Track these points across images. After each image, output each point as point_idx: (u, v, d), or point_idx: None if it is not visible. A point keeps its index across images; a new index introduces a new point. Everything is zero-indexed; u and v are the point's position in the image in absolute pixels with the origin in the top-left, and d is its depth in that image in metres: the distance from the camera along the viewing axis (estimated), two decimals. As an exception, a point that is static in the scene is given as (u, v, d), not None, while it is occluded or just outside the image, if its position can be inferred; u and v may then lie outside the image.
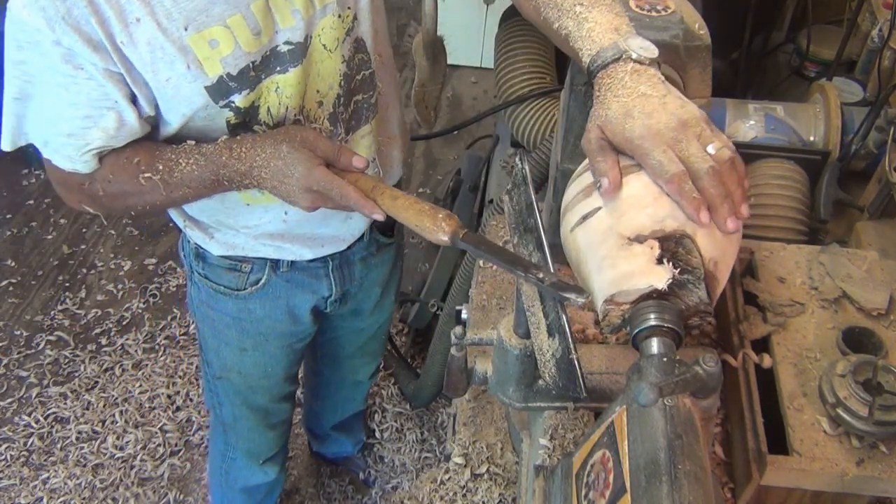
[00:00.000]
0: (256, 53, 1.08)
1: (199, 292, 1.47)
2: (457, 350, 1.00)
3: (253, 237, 1.32)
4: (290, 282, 1.43)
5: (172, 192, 1.10)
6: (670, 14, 1.03)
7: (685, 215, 0.83)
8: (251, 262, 1.38)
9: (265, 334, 1.51)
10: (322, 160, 1.07)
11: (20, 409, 2.47)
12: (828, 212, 1.58)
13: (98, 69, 1.00)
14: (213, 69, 1.05)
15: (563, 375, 0.91)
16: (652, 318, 0.81)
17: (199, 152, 1.08)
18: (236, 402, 1.68)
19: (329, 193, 1.06)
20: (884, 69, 1.81)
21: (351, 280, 1.51)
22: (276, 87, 1.13)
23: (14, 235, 3.00)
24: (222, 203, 1.26)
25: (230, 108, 1.11)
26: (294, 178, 1.05)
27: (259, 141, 1.07)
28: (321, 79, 1.18)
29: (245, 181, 1.09)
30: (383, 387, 2.53)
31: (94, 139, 1.06)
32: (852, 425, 0.99)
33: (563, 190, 0.98)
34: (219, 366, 1.60)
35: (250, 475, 1.86)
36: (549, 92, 1.90)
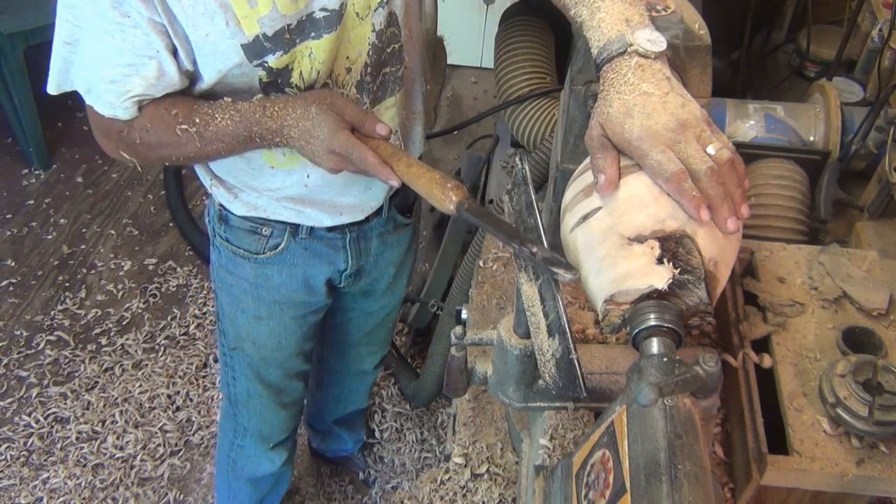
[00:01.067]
0: (293, 17, 1.11)
1: (220, 256, 1.51)
2: (457, 350, 1.00)
3: (275, 200, 1.36)
4: (308, 249, 1.46)
5: (206, 145, 1.15)
6: (670, 14, 1.03)
7: (686, 215, 0.83)
8: (272, 226, 1.41)
9: (280, 302, 1.54)
10: (348, 124, 1.11)
11: (20, 409, 2.47)
12: (828, 212, 1.58)
13: (143, 18, 1.04)
14: (250, 28, 1.09)
15: (563, 375, 0.91)
16: (652, 318, 0.81)
17: (234, 108, 1.13)
18: (250, 375, 1.69)
19: (350, 157, 1.10)
20: (884, 69, 1.81)
21: (367, 255, 1.54)
22: (309, 53, 1.16)
23: (14, 235, 3.00)
24: (248, 164, 1.30)
25: (263, 67, 1.14)
26: (319, 139, 1.10)
27: (291, 101, 1.12)
28: (351, 45, 1.21)
29: (276, 139, 1.14)
30: (383, 387, 2.53)
31: (134, 86, 1.10)
32: (852, 425, 0.99)
33: (563, 190, 0.98)
34: (234, 335, 1.62)
35: (258, 463, 1.86)
36: (549, 92, 1.90)
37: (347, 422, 2.22)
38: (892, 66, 1.81)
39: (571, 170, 0.99)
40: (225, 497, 2.01)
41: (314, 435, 2.34)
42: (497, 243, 1.54)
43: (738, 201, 0.83)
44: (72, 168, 3.22)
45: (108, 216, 3.09)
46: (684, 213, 0.83)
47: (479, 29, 3.62)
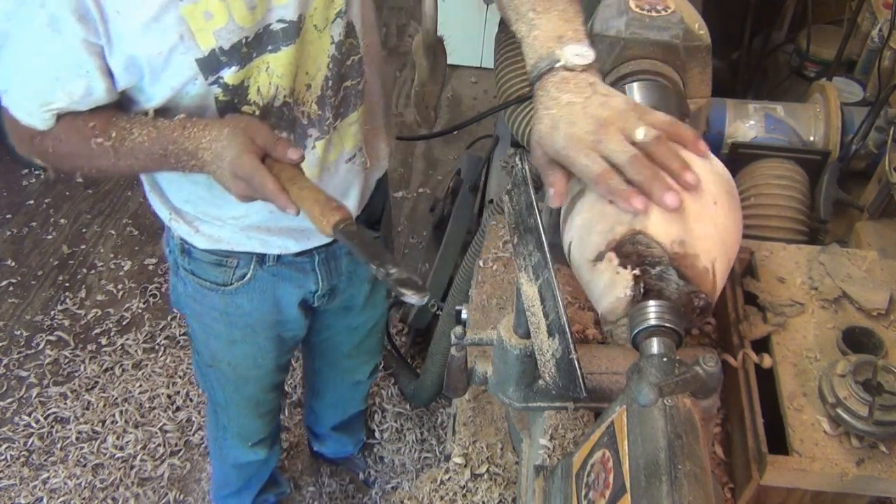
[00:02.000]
0: (250, 29, 1.09)
1: (186, 287, 1.48)
2: (457, 350, 1.00)
3: (239, 229, 1.33)
4: (277, 276, 1.44)
5: (121, 160, 1.11)
6: (670, 14, 1.03)
7: (629, 216, 0.82)
8: (237, 257, 1.39)
9: (253, 326, 1.52)
10: (259, 149, 1.06)
11: (20, 409, 2.47)
12: (828, 212, 1.58)
13: (77, 38, 1.01)
14: (205, 41, 1.06)
15: (563, 375, 0.91)
16: (652, 318, 0.81)
17: (153, 125, 1.09)
18: (228, 388, 1.70)
19: (252, 182, 1.06)
20: (884, 69, 1.81)
21: (338, 274, 1.52)
22: (266, 67, 1.14)
23: (14, 235, 3.00)
24: (209, 192, 1.26)
25: (219, 84, 1.11)
26: (226, 161, 1.06)
27: (210, 123, 1.08)
28: (311, 60, 1.19)
29: (191, 162, 1.09)
30: (383, 387, 2.53)
31: (57, 100, 1.07)
32: (852, 425, 0.99)
33: (563, 190, 0.98)
34: (208, 355, 1.62)
35: (241, 454, 1.90)
36: (549, 92, 1.90)
37: (346, 426, 2.22)
38: (892, 66, 1.81)
39: (571, 170, 0.99)
40: (218, 474, 2.08)
41: (314, 439, 2.34)
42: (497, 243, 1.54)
43: (676, 171, 0.80)
44: (72, 168, 3.22)
45: (108, 216, 3.09)
46: (627, 213, 0.82)
47: (479, 29, 3.62)
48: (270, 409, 1.82)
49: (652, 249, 0.82)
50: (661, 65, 1.04)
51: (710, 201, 0.84)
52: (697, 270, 0.81)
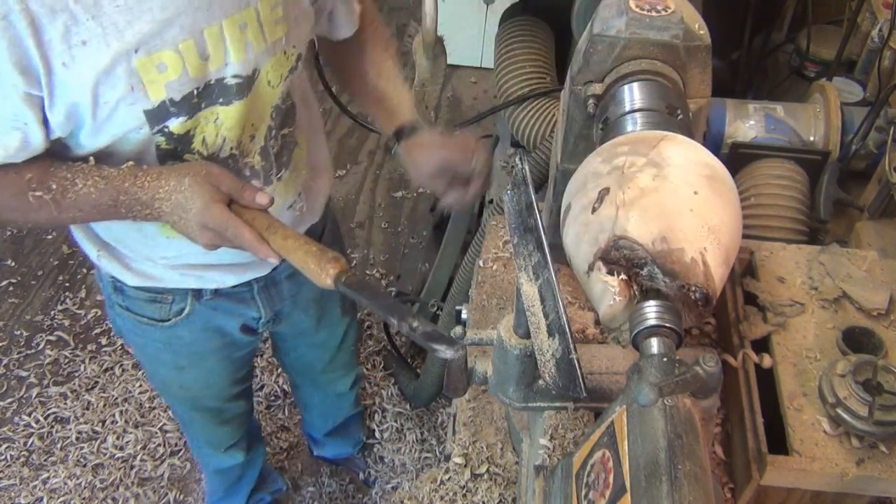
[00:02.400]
0: (201, 80, 1.05)
1: (124, 322, 1.42)
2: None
3: (171, 267, 1.28)
4: (217, 309, 1.40)
5: (62, 213, 1.04)
6: (670, 14, 1.03)
7: (610, 221, 0.83)
8: (171, 293, 1.34)
9: (200, 353, 1.48)
10: (225, 197, 1.03)
11: (20, 409, 2.47)
12: (828, 212, 1.58)
13: (18, 91, 0.96)
14: (156, 93, 1.02)
15: (563, 375, 0.91)
16: (652, 318, 0.81)
17: (99, 174, 1.03)
18: (185, 406, 1.67)
19: (224, 233, 1.03)
20: (884, 69, 1.81)
21: (280, 300, 1.48)
22: (215, 118, 1.10)
23: (14, 235, 3.00)
24: (140, 233, 1.22)
25: (163, 133, 1.07)
26: (192, 212, 1.02)
27: (165, 172, 1.03)
28: (256, 112, 1.16)
29: (145, 211, 1.04)
30: (383, 387, 2.53)
31: None
32: (852, 425, 0.99)
33: (563, 190, 0.98)
34: (159, 381, 1.59)
35: (218, 461, 1.89)
36: (549, 92, 1.90)
37: (340, 431, 2.21)
38: (892, 66, 1.81)
39: (571, 170, 0.99)
40: (207, 481, 2.08)
41: (312, 443, 2.35)
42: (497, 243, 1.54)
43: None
44: (72, 168, 3.23)
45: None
46: (608, 220, 0.84)
47: (479, 29, 3.62)
48: (235, 415, 1.77)
49: (636, 252, 0.82)
50: (661, 65, 1.04)
51: (690, 192, 0.84)
52: (684, 263, 0.81)
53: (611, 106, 1.04)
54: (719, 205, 0.85)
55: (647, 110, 0.99)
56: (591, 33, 1.06)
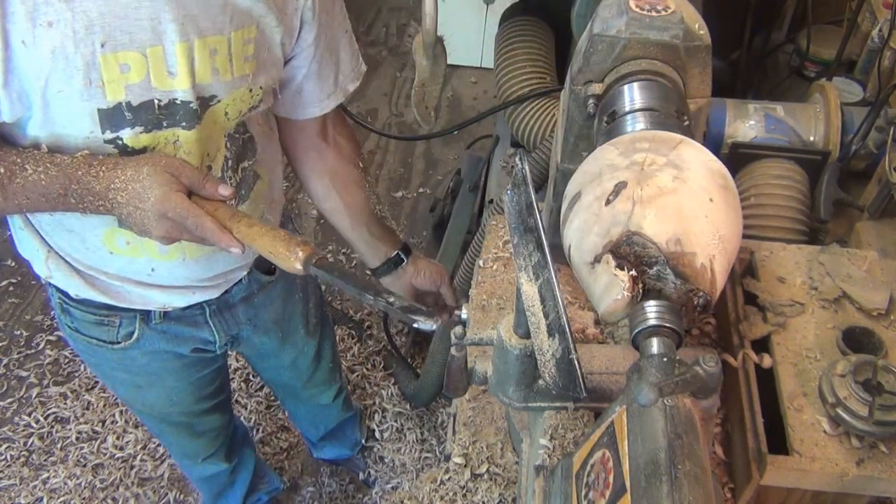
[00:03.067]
0: (165, 94, 1.02)
1: (76, 343, 1.38)
2: (457, 350, 1.00)
3: (118, 279, 1.24)
4: (167, 332, 1.35)
5: (7, 199, 1.00)
6: (670, 14, 1.03)
7: (625, 216, 0.83)
8: (118, 314, 1.29)
9: (157, 374, 1.43)
10: (184, 188, 1.01)
11: (20, 409, 2.47)
12: (828, 212, 1.58)
13: None
14: (114, 93, 0.99)
15: (563, 375, 0.91)
16: (652, 318, 0.81)
17: (50, 161, 0.99)
18: (154, 421, 1.62)
19: (184, 223, 0.99)
20: (884, 69, 1.81)
21: (236, 324, 1.44)
22: (175, 140, 1.07)
23: (14, 235, 3.00)
24: (83, 244, 1.18)
25: (116, 144, 1.03)
26: (150, 202, 0.98)
27: (122, 163, 1.00)
28: (212, 141, 1.13)
29: (97, 203, 1.00)
30: (383, 387, 2.53)
31: None
32: (852, 425, 0.99)
33: (563, 190, 0.98)
34: (121, 397, 1.55)
35: (201, 470, 1.83)
36: (549, 92, 1.90)
37: (335, 434, 2.20)
38: (892, 66, 1.81)
39: (571, 170, 0.99)
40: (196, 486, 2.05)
41: (311, 446, 2.34)
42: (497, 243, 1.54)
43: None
44: (72, 168, 3.22)
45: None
46: (623, 214, 0.83)
47: (479, 29, 3.62)
48: (209, 428, 1.69)
49: (648, 250, 0.82)
50: (661, 65, 1.03)
51: (706, 198, 0.84)
52: (695, 268, 0.81)
53: (611, 106, 1.05)
54: (730, 216, 0.86)
55: (647, 110, 0.99)
56: (591, 33, 1.06)
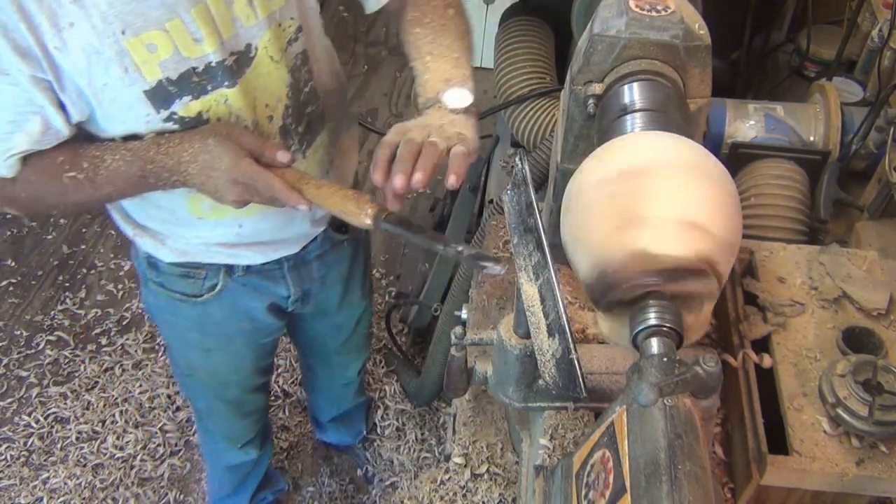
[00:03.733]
0: (199, 60, 1.07)
1: (157, 299, 1.45)
2: (457, 350, 1.00)
3: (205, 245, 1.32)
4: (247, 285, 1.43)
5: (97, 190, 1.08)
6: (670, 14, 1.03)
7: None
8: (205, 269, 1.37)
9: (228, 335, 1.51)
10: (248, 153, 1.07)
11: (20, 409, 2.47)
12: (828, 212, 1.58)
13: (24, 76, 0.98)
14: (151, 73, 1.04)
15: (563, 375, 0.91)
16: (652, 318, 0.81)
17: (125, 148, 1.07)
18: (208, 395, 1.70)
19: (255, 185, 1.06)
20: (884, 69, 1.81)
21: (309, 279, 1.52)
22: (225, 100, 1.12)
23: (14, 235, 3.00)
24: (173, 215, 1.25)
25: (173, 120, 1.09)
26: (221, 170, 1.05)
27: (187, 136, 1.07)
28: (269, 92, 1.18)
29: (173, 177, 1.08)
30: (386, 383, 2.53)
31: (18, 143, 1.04)
32: (852, 425, 0.99)
33: (563, 190, 0.98)
34: (185, 365, 1.61)
35: (231, 457, 1.90)
36: (549, 92, 1.90)
37: (343, 418, 2.25)
38: (892, 66, 1.81)
39: (571, 170, 0.99)
40: (213, 477, 2.08)
41: (316, 427, 2.38)
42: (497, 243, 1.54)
43: (417, 168, 1.00)
44: (72, 168, 3.23)
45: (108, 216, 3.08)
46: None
47: (479, 29, 3.61)
48: (255, 408, 1.81)
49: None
50: (661, 65, 1.03)
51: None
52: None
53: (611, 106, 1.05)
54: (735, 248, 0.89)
55: (647, 110, 0.99)
56: (591, 33, 1.06)
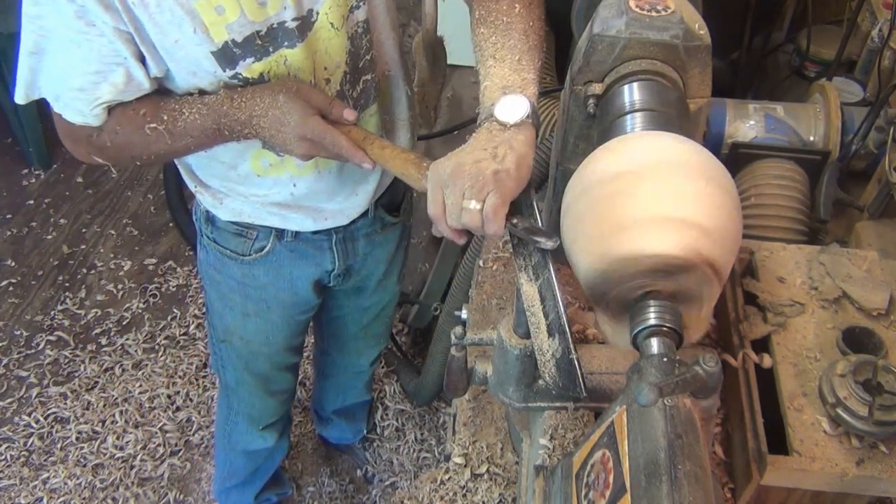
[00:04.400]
0: (262, 24, 1.12)
1: (208, 255, 1.51)
2: (457, 350, 1.00)
3: (260, 205, 1.37)
4: (294, 251, 1.47)
5: (176, 141, 1.15)
6: (670, 14, 1.03)
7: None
8: (257, 229, 1.43)
9: (268, 301, 1.55)
10: (316, 111, 1.12)
11: (20, 409, 2.47)
12: (828, 212, 1.58)
13: (108, 27, 1.04)
14: (218, 34, 1.09)
15: (563, 375, 0.91)
16: (652, 318, 0.81)
17: (201, 102, 1.13)
18: (238, 365, 1.72)
19: (322, 141, 1.11)
20: (884, 69, 1.81)
21: (354, 255, 1.55)
22: (284, 61, 1.17)
23: (14, 235, 3.00)
24: (234, 171, 1.31)
25: (238, 79, 1.14)
26: (290, 125, 1.10)
27: (258, 91, 1.12)
28: (328, 56, 1.22)
29: (245, 130, 1.14)
30: (387, 383, 2.53)
31: (103, 93, 1.11)
32: (852, 425, 0.99)
33: (563, 190, 0.98)
34: (222, 329, 1.64)
35: (251, 440, 1.91)
36: (549, 92, 1.90)
37: (347, 413, 2.26)
38: (892, 66, 1.81)
39: (571, 170, 0.99)
40: (222, 463, 2.06)
41: (317, 421, 2.38)
42: (497, 243, 1.54)
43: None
44: (72, 168, 3.21)
45: (108, 216, 3.08)
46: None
47: (479, 29, 3.61)
48: (282, 388, 1.84)
49: None
50: (661, 65, 1.04)
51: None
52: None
53: (611, 106, 1.04)
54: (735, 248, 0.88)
55: (648, 110, 0.99)
56: (591, 33, 1.06)
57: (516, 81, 1.01)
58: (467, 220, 0.91)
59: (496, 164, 0.91)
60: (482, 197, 0.90)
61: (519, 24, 1.08)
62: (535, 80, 1.02)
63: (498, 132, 0.96)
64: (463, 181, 0.91)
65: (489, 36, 1.08)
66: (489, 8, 1.11)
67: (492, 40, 1.07)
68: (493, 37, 1.08)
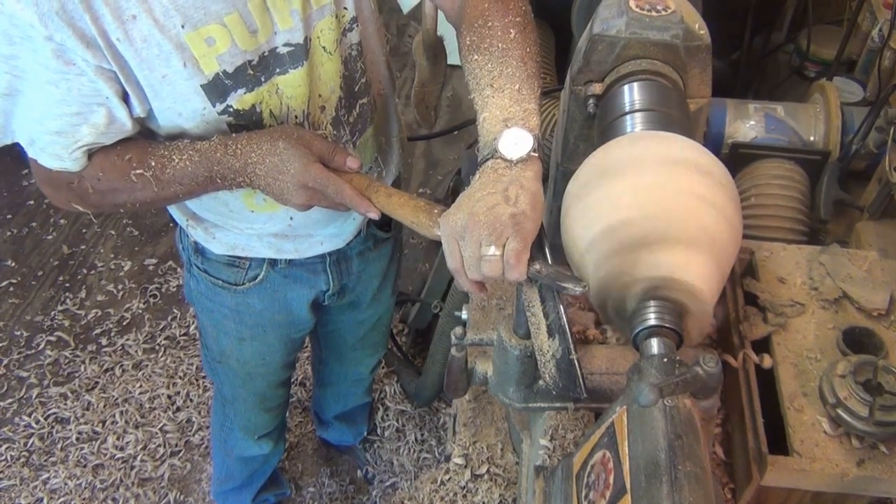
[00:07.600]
0: (253, 53, 1.08)
1: (199, 284, 1.48)
2: (457, 350, 1.00)
3: (257, 236, 1.34)
4: (288, 277, 1.45)
5: (164, 189, 1.10)
6: (670, 14, 1.03)
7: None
8: (249, 259, 1.40)
9: (263, 326, 1.53)
10: (317, 158, 1.07)
11: (20, 409, 2.47)
12: (828, 212, 1.58)
13: (90, 66, 0.99)
14: (209, 66, 1.05)
15: (563, 376, 0.91)
16: (652, 318, 0.81)
17: (193, 148, 1.08)
18: (236, 384, 1.72)
19: (325, 190, 1.07)
20: (884, 69, 1.81)
21: (348, 274, 1.53)
22: (276, 89, 1.13)
23: (14, 235, 3.00)
24: (227, 207, 1.27)
25: (228, 113, 1.10)
26: (290, 174, 1.06)
27: (255, 137, 1.07)
28: (322, 82, 1.19)
29: (238, 178, 1.09)
30: (387, 384, 2.53)
31: (83, 136, 1.05)
32: (852, 426, 0.99)
33: (563, 190, 0.98)
34: (218, 351, 1.63)
35: (246, 447, 1.91)
36: (549, 92, 1.90)
37: (348, 417, 2.26)
38: (892, 66, 1.81)
39: (571, 170, 0.99)
40: (220, 467, 2.07)
41: (319, 424, 2.38)
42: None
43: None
44: (72, 168, 3.23)
45: (108, 216, 3.08)
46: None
47: (479, 29, 3.60)
48: (278, 404, 1.84)
49: None
50: (661, 65, 1.04)
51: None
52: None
53: (611, 106, 1.04)
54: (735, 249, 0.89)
55: (647, 110, 0.99)
56: (591, 33, 1.06)
57: (518, 113, 0.94)
58: (487, 269, 0.86)
59: (512, 208, 0.86)
60: (501, 243, 0.85)
61: (516, 50, 1.01)
62: (536, 110, 0.96)
63: (504, 170, 0.90)
64: (479, 231, 0.86)
65: (484, 63, 1.00)
66: (481, 34, 1.03)
67: (488, 68, 1.00)
68: (488, 64, 1.00)
